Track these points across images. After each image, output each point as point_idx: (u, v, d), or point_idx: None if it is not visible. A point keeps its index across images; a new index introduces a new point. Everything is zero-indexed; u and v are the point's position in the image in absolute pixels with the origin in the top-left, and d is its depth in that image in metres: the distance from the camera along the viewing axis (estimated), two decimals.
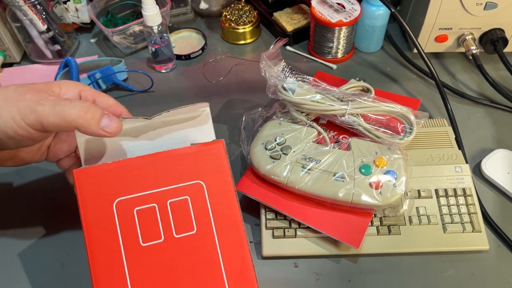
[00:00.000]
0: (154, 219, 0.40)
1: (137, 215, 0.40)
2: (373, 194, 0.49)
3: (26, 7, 0.69)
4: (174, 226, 0.40)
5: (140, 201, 0.40)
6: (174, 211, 0.41)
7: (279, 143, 0.54)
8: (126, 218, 0.40)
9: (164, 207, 0.41)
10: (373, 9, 0.71)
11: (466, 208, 0.53)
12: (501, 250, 0.53)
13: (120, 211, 0.40)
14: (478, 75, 0.72)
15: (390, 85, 0.72)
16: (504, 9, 0.66)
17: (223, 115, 0.68)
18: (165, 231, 0.40)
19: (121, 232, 0.40)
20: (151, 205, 0.41)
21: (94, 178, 0.41)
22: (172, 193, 0.41)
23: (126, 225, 0.40)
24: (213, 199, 0.41)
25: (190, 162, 0.42)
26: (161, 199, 0.41)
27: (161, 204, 0.41)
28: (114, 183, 0.41)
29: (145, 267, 0.39)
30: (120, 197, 0.40)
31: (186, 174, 0.42)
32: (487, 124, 0.66)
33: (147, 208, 0.40)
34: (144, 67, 0.76)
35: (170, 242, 0.40)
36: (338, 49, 0.74)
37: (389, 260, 0.52)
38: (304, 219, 0.51)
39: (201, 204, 0.41)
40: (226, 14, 0.80)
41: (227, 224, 0.41)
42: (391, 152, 0.52)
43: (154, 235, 0.40)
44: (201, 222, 0.41)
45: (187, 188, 0.41)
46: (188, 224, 0.40)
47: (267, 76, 0.57)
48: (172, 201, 0.41)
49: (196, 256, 0.40)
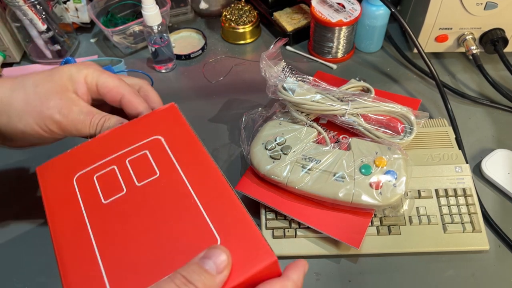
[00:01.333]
0: (114, 178, 0.39)
1: (97, 180, 0.39)
2: (373, 194, 0.49)
3: (26, 7, 0.68)
4: (135, 176, 0.39)
5: (99, 169, 0.39)
6: (134, 166, 0.39)
7: (279, 143, 0.54)
8: (86, 187, 0.39)
9: (124, 166, 0.40)
10: (373, 9, 0.70)
11: (466, 208, 0.53)
12: (501, 250, 0.53)
13: (80, 183, 0.39)
14: (478, 75, 0.72)
15: (390, 85, 0.72)
16: (504, 9, 0.66)
17: (223, 115, 0.68)
18: (126, 183, 0.38)
19: (82, 201, 0.38)
20: (110, 168, 0.40)
21: (54, 166, 0.41)
22: (130, 153, 0.40)
23: (86, 192, 0.38)
24: (174, 147, 0.40)
25: (145, 124, 0.42)
26: (119, 160, 0.40)
27: (120, 164, 0.40)
28: (73, 163, 0.40)
29: (111, 222, 0.37)
30: (79, 172, 0.40)
31: (142, 134, 0.41)
32: (487, 124, 0.66)
33: (106, 172, 0.39)
34: (144, 67, 0.76)
35: (134, 191, 0.38)
36: (338, 49, 0.74)
37: (389, 260, 0.52)
38: (304, 219, 0.51)
39: (161, 153, 0.40)
40: (226, 14, 0.80)
41: (192, 160, 0.39)
42: (391, 152, 0.52)
43: (115, 190, 0.38)
44: (163, 166, 0.39)
45: (145, 144, 0.41)
46: (149, 171, 0.39)
47: (267, 76, 0.57)
48: (130, 159, 0.40)
49: (165, 197, 0.38)
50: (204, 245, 0.33)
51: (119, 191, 0.38)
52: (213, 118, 0.68)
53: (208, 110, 0.69)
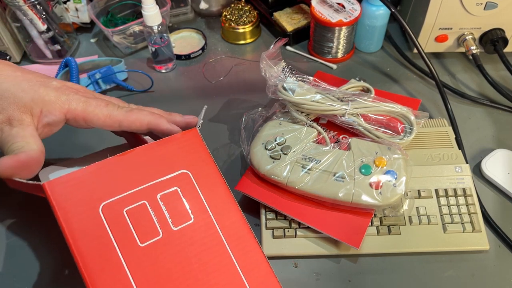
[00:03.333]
0: (148, 216, 0.37)
1: (127, 215, 0.37)
2: (373, 194, 0.49)
3: (26, 7, 0.69)
4: (170, 218, 0.38)
5: (128, 201, 0.37)
6: (167, 204, 0.38)
7: (279, 143, 0.54)
8: (116, 222, 0.36)
9: (155, 202, 0.38)
10: (373, 9, 0.70)
11: (466, 208, 0.53)
12: (501, 250, 0.53)
13: (108, 215, 0.36)
14: (478, 75, 0.72)
15: (390, 85, 0.72)
16: (504, 9, 0.66)
17: (223, 115, 0.68)
18: (161, 226, 0.37)
19: (115, 238, 0.36)
20: (140, 202, 0.38)
21: (71, 186, 0.37)
22: (160, 187, 0.39)
23: (118, 228, 0.36)
24: (202, 186, 0.40)
25: (169, 152, 0.41)
26: (149, 194, 0.38)
27: (151, 199, 0.38)
28: (95, 187, 0.37)
29: (150, 267, 0.36)
30: (105, 201, 0.37)
31: (168, 164, 0.40)
32: (487, 124, 0.66)
33: (137, 206, 0.37)
34: (144, 67, 0.76)
35: (170, 236, 0.37)
36: (338, 49, 0.74)
37: (389, 260, 0.52)
38: (304, 219, 0.51)
39: (192, 192, 0.40)
40: (226, 14, 0.80)
41: (222, 207, 0.40)
42: (391, 152, 0.52)
43: (152, 233, 0.37)
44: (196, 210, 0.39)
45: (174, 179, 0.40)
46: (184, 215, 0.38)
47: (267, 76, 0.57)
48: (161, 195, 0.39)
49: (200, 245, 0.38)
50: None
51: (155, 234, 0.37)
52: (213, 118, 0.68)
53: (208, 110, 0.69)
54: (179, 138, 0.42)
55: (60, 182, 0.36)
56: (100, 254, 0.35)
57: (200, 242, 0.38)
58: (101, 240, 0.36)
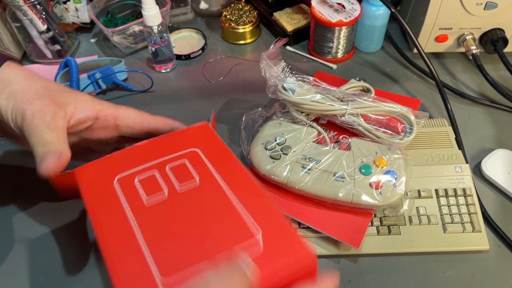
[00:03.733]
0: (156, 183, 0.41)
1: (139, 183, 0.41)
2: (373, 194, 0.49)
3: (26, 7, 0.69)
4: (175, 181, 0.41)
5: (140, 172, 0.42)
6: (174, 173, 0.42)
7: (279, 143, 0.54)
8: (128, 190, 0.41)
9: (164, 172, 0.42)
10: (373, 9, 0.71)
11: (466, 208, 0.53)
12: (501, 250, 0.53)
13: (121, 185, 0.41)
14: (478, 75, 0.72)
15: (390, 85, 0.72)
16: (504, 9, 0.66)
17: (223, 115, 0.68)
18: (168, 190, 0.40)
19: (126, 201, 0.40)
20: (151, 172, 0.42)
21: (95, 169, 0.43)
22: (170, 160, 0.43)
23: (129, 195, 0.40)
24: (210, 158, 0.43)
25: (181, 138, 0.45)
26: (160, 166, 0.42)
27: (161, 170, 0.42)
28: (113, 166, 0.42)
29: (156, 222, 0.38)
30: (120, 174, 0.42)
31: (181, 146, 0.44)
32: (487, 124, 0.66)
33: (147, 176, 0.42)
34: (144, 67, 0.76)
35: (174, 197, 0.40)
36: (338, 49, 0.74)
37: (389, 260, 0.52)
38: (304, 219, 0.51)
39: (199, 163, 0.43)
40: (226, 14, 0.80)
41: (228, 168, 0.42)
42: (391, 152, 0.52)
43: (158, 195, 0.40)
44: (202, 176, 0.41)
45: (184, 155, 0.43)
46: (188, 176, 0.41)
47: (267, 76, 0.57)
48: (171, 166, 0.42)
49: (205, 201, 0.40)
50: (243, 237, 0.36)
51: (161, 194, 0.40)
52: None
53: (208, 110, 0.69)
54: (191, 128, 0.47)
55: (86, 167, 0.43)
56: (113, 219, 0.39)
57: (206, 200, 0.40)
58: (114, 207, 0.40)
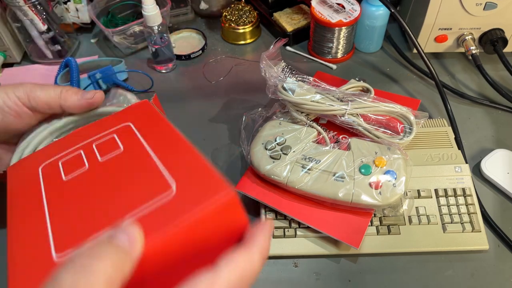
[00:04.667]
0: (78, 158, 0.38)
1: (61, 165, 0.38)
2: (373, 194, 0.49)
3: (26, 7, 0.69)
4: (99, 154, 0.38)
5: (65, 156, 0.39)
6: (100, 147, 0.39)
7: (279, 143, 0.54)
8: (50, 172, 0.38)
9: (90, 149, 0.39)
10: (373, 9, 0.71)
11: (465, 208, 0.54)
12: (500, 250, 0.53)
13: (45, 171, 0.38)
14: (477, 75, 0.72)
15: (390, 85, 0.72)
16: (504, 9, 0.66)
17: (223, 115, 0.68)
18: (89, 161, 0.37)
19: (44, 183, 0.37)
20: (76, 153, 0.39)
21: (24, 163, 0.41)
22: (98, 139, 0.40)
23: (49, 176, 0.37)
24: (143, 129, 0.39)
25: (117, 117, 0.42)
26: (87, 146, 0.39)
27: (87, 148, 0.39)
28: (43, 157, 0.40)
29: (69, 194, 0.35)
30: (45, 161, 0.39)
31: (113, 122, 0.41)
32: (487, 124, 0.66)
33: (71, 156, 0.38)
34: (144, 67, 0.76)
35: (96, 165, 0.37)
36: (338, 49, 0.74)
37: (389, 260, 0.52)
38: (304, 219, 0.52)
39: (129, 134, 0.39)
40: (226, 14, 0.80)
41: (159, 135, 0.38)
42: (391, 152, 0.52)
43: (77, 168, 0.37)
44: (128, 142, 0.38)
45: (114, 130, 0.40)
46: (113, 147, 0.38)
47: (267, 76, 0.57)
48: (98, 143, 0.39)
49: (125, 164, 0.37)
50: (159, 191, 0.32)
51: (81, 167, 0.37)
52: (213, 118, 0.68)
53: (208, 110, 0.69)
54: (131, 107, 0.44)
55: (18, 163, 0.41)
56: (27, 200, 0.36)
57: (125, 163, 0.37)
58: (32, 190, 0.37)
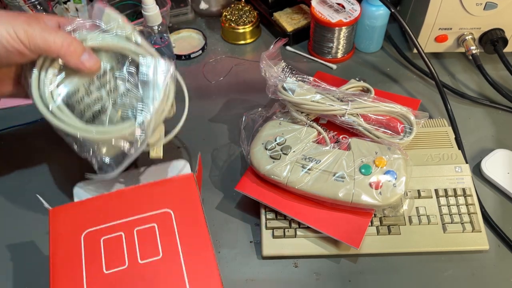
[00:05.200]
0: (120, 247, 0.41)
1: (103, 244, 0.41)
2: (373, 194, 0.49)
3: (26, 7, 0.69)
4: (140, 252, 0.40)
5: (108, 231, 0.42)
6: (141, 238, 0.41)
7: (279, 143, 0.54)
8: (92, 248, 0.41)
9: (131, 235, 0.41)
10: (373, 9, 0.71)
11: (466, 208, 0.54)
12: (501, 250, 0.53)
13: (87, 242, 0.41)
14: (478, 75, 0.72)
15: (390, 85, 0.72)
16: (504, 9, 0.66)
17: (223, 115, 0.68)
18: (129, 257, 0.40)
19: (86, 261, 0.40)
20: (118, 233, 0.41)
21: (67, 213, 0.43)
22: (140, 222, 0.42)
23: (91, 254, 0.40)
24: (181, 226, 0.42)
25: (159, 192, 0.44)
26: (128, 227, 0.41)
27: (128, 232, 0.41)
28: (85, 216, 0.42)
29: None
30: (89, 229, 0.41)
31: (155, 204, 0.43)
32: (487, 124, 0.66)
33: (114, 236, 0.41)
34: None
35: (134, 267, 0.40)
36: (338, 49, 0.74)
37: (389, 260, 0.52)
38: (304, 219, 0.51)
39: (169, 230, 0.42)
40: (226, 14, 0.80)
41: (195, 249, 0.41)
42: (391, 152, 0.52)
43: (118, 262, 0.40)
44: (167, 247, 0.41)
45: (155, 216, 0.42)
46: (154, 250, 0.41)
47: (267, 76, 0.57)
48: (139, 229, 0.41)
49: (161, 280, 0.39)
50: None
51: (121, 264, 0.40)
52: (213, 118, 0.68)
53: (208, 110, 0.69)
54: (173, 181, 0.45)
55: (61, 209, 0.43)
56: (68, 273, 0.40)
57: (162, 279, 0.40)
58: (75, 262, 0.40)
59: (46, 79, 0.44)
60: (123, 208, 0.42)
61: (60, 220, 0.42)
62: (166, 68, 0.45)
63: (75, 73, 0.45)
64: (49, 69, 0.45)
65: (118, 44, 0.45)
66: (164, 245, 0.41)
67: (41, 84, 0.44)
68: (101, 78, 0.45)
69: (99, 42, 0.45)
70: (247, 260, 0.53)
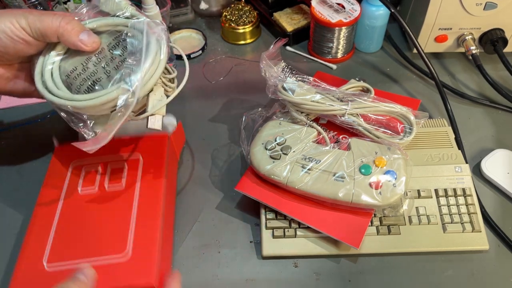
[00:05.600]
0: (95, 175, 0.52)
1: (84, 171, 0.53)
2: (373, 194, 0.49)
3: (26, 7, 0.69)
4: (108, 181, 0.51)
5: (89, 163, 0.53)
6: (112, 172, 0.52)
7: (279, 143, 0.54)
8: (75, 174, 0.52)
9: (105, 168, 0.53)
10: (373, 9, 0.71)
11: (466, 208, 0.54)
12: (501, 250, 0.53)
13: (73, 170, 0.53)
14: (478, 75, 0.72)
15: (390, 85, 0.72)
16: (504, 9, 0.66)
17: (223, 115, 0.68)
18: (100, 184, 0.51)
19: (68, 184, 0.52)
20: (96, 166, 0.53)
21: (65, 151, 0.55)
22: (115, 160, 0.53)
23: (73, 179, 0.52)
24: (144, 173, 0.52)
25: (137, 144, 0.55)
26: (105, 163, 0.53)
27: (104, 166, 0.53)
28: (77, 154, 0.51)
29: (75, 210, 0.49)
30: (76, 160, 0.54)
31: (130, 151, 0.54)
32: (487, 124, 0.66)
33: (92, 167, 0.53)
34: None
35: (102, 192, 0.51)
36: (338, 49, 0.74)
37: (389, 260, 0.52)
38: (304, 219, 0.51)
39: (134, 171, 0.52)
40: (226, 14, 0.80)
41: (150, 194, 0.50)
42: (391, 152, 0.52)
43: (91, 186, 0.51)
44: (129, 183, 0.51)
45: (128, 159, 0.53)
46: (119, 183, 0.51)
47: (267, 76, 0.57)
48: (113, 166, 0.53)
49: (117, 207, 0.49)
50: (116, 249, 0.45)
51: (92, 187, 0.51)
52: (213, 118, 0.68)
53: (208, 110, 0.69)
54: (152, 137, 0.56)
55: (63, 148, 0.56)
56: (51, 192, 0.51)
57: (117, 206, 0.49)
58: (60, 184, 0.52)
59: (48, 60, 0.47)
60: (106, 151, 0.49)
61: (59, 155, 0.55)
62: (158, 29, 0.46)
63: (76, 53, 0.47)
64: (52, 51, 0.47)
65: (114, 21, 0.48)
66: (128, 182, 0.51)
67: (44, 65, 0.47)
68: (98, 54, 0.47)
69: (97, 23, 0.47)
70: (247, 260, 0.53)
